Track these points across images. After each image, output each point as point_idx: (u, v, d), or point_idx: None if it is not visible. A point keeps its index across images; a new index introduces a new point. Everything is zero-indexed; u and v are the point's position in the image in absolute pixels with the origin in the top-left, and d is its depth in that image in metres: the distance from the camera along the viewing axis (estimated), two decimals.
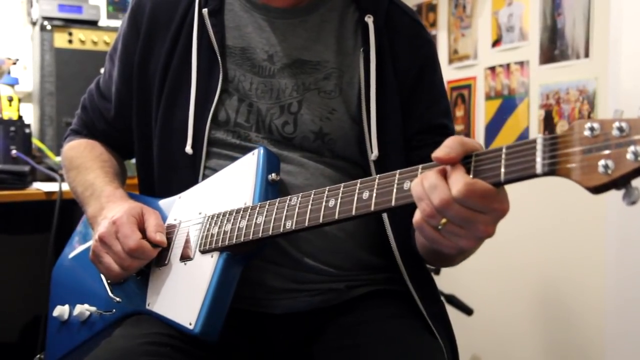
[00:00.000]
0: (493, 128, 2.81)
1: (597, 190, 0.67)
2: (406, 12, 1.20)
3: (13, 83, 2.44)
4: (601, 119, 0.67)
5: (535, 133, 2.57)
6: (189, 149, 1.12)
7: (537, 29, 2.55)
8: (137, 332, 1.03)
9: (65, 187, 1.88)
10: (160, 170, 1.19)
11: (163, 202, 1.16)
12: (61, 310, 1.22)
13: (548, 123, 2.51)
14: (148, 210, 1.09)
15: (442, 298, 2.49)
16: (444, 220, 0.75)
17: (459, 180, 0.73)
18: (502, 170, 0.72)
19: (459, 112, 2.99)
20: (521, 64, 2.64)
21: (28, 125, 2.21)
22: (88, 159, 1.27)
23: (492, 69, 2.80)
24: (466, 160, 0.76)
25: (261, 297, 1.12)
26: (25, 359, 1.95)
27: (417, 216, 0.78)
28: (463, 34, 2.97)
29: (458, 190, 0.72)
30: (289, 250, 1.09)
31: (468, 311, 2.58)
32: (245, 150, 1.10)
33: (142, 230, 1.06)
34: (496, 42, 2.78)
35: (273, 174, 1.04)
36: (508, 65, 2.71)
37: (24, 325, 2.58)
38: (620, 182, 0.65)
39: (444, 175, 0.75)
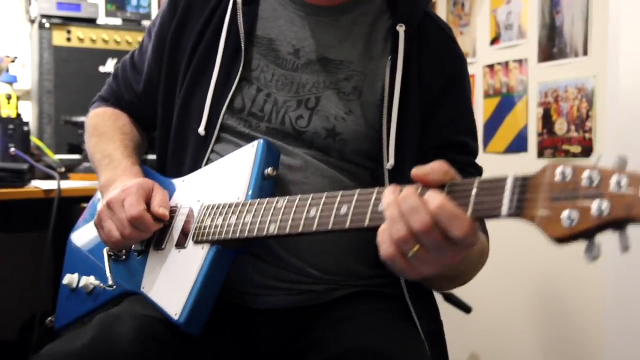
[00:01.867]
0: (492, 126, 2.81)
1: (559, 241, 0.64)
2: (440, 27, 1.21)
3: (12, 81, 2.44)
4: (575, 165, 0.64)
5: (534, 131, 2.57)
6: (202, 130, 1.14)
7: (536, 27, 2.55)
8: (133, 313, 1.03)
9: (63, 185, 1.89)
10: (174, 148, 1.21)
11: (169, 184, 1.17)
12: (70, 279, 1.24)
13: (547, 121, 2.51)
14: (158, 187, 1.10)
15: (441, 296, 2.51)
16: (416, 248, 0.72)
17: (444, 207, 0.70)
18: (471, 207, 0.70)
19: None
20: (520, 62, 2.64)
21: (27, 124, 2.21)
22: (111, 129, 1.29)
23: (491, 67, 2.80)
24: (440, 188, 0.74)
25: (242, 291, 1.12)
26: (23, 358, 1.95)
27: (388, 245, 0.74)
28: (462, 32, 2.97)
29: (441, 217, 0.69)
30: (275, 247, 1.09)
31: (466, 309, 2.58)
32: (252, 140, 1.10)
33: (150, 204, 1.07)
34: (495, 40, 2.78)
35: (270, 169, 1.04)
36: (507, 64, 2.71)
37: (22, 324, 2.58)
38: (583, 237, 0.62)
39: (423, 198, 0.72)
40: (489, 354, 2.86)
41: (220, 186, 1.07)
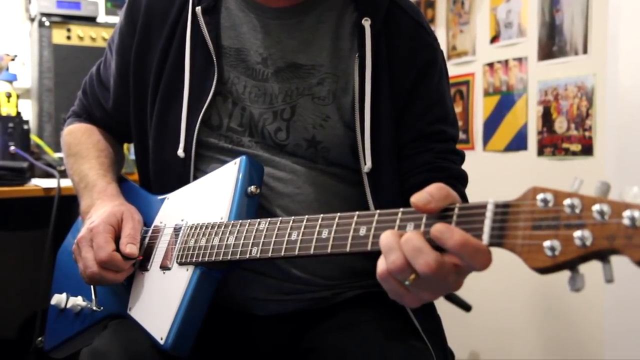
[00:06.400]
0: (491, 124, 2.81)
1: (541, 272, 0.62)
2: (408, 14, 1.13)
3: (11, 79, 2.44)
4: (556, 190, 0.62)
5: (534, 129, 2.57)
6: (180, 153, 1.10)
7: (536, 25, 2.55)
8: (121, 336, 1.03)
9: (63, 183, 1.89)
10: (155, 171, 1.17)
11: (154, 201, 1.15)
12: (58, 299, 1.22)
13: (546, 119, 2.51)
14: (127, 217, 1.07)
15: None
16: (412, 276, 0.68)
17: (466, 243, 0.65)
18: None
19: (457, 109, 2.98)
20: (519, 60, 2.64)
21: (26, 122, 2.21)
22: (85, 146, 1.25)
23: (491, 65, 2.80)
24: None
25: (246, 304, 1.11)
26: (24, 356, 1.95)
27: (382, 267, 0.70)
28: (461, 30, 2.97)
29: (464, 254, 0.65)
30: (277, 261, 1.06)
31: (466, 307, 2.59)
32: (237, 155, 1.07)
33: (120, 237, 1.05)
34: (494, 39, 2.78)
35: (252, 187, 1.01)
36: (506, 62, 2.71)
37: (22, 321, 2.59)
38: (566, 267, 0.61)
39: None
40: (489, 352, 2.87)
41: (204, 205, 1.04)
